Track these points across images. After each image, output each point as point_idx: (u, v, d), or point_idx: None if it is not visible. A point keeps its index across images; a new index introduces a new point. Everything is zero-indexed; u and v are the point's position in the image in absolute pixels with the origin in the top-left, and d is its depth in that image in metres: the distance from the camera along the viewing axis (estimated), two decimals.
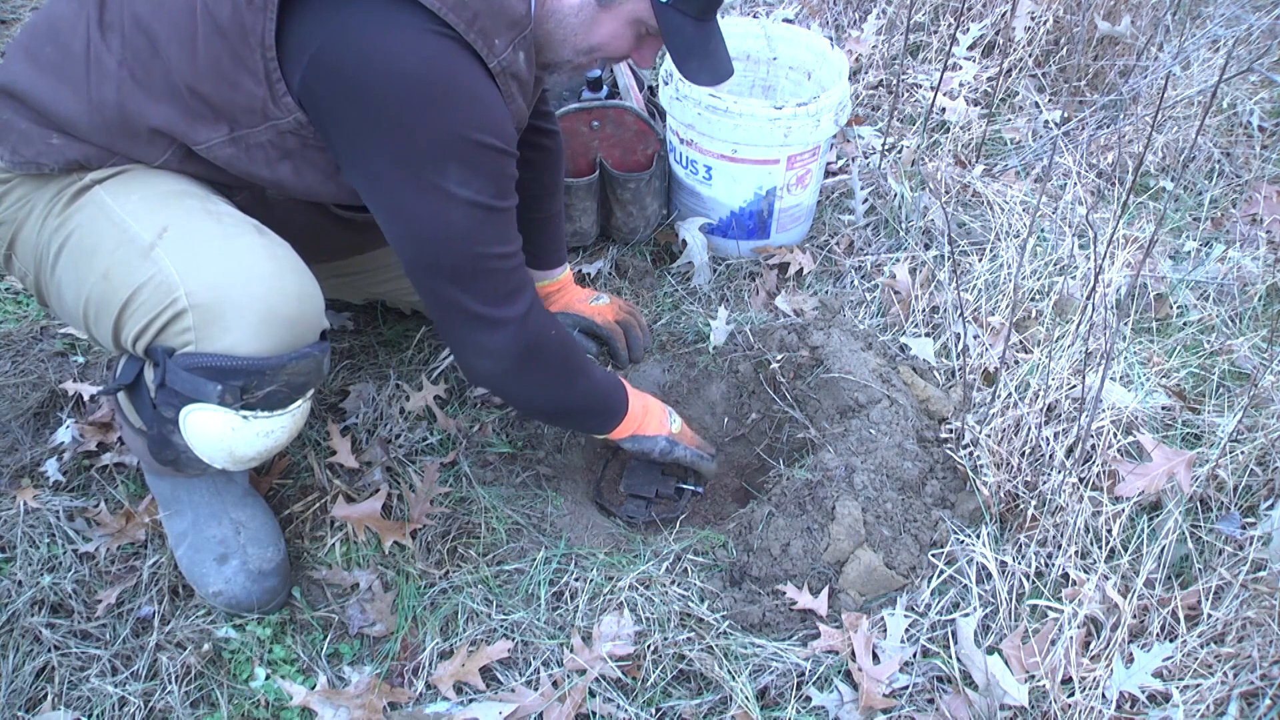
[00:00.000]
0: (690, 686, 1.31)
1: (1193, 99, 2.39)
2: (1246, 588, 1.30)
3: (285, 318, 1.11)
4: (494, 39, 1.10)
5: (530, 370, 1.28)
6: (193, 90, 1.08)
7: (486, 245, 1.16)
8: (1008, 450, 1.49)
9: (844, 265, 2.03)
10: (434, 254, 1.15)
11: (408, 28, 1.04)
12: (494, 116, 1.12)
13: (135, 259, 1.10)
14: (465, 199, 1.11)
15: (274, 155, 1.15)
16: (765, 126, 1.82)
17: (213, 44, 1.04)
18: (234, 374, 1.09)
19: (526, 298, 1.23)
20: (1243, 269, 1.95)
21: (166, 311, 1.08)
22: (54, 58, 1.11)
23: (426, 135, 1.07)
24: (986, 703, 1.22)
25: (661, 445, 1.52)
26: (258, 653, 1.35)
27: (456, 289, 1.17)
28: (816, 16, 2.79)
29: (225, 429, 1.13)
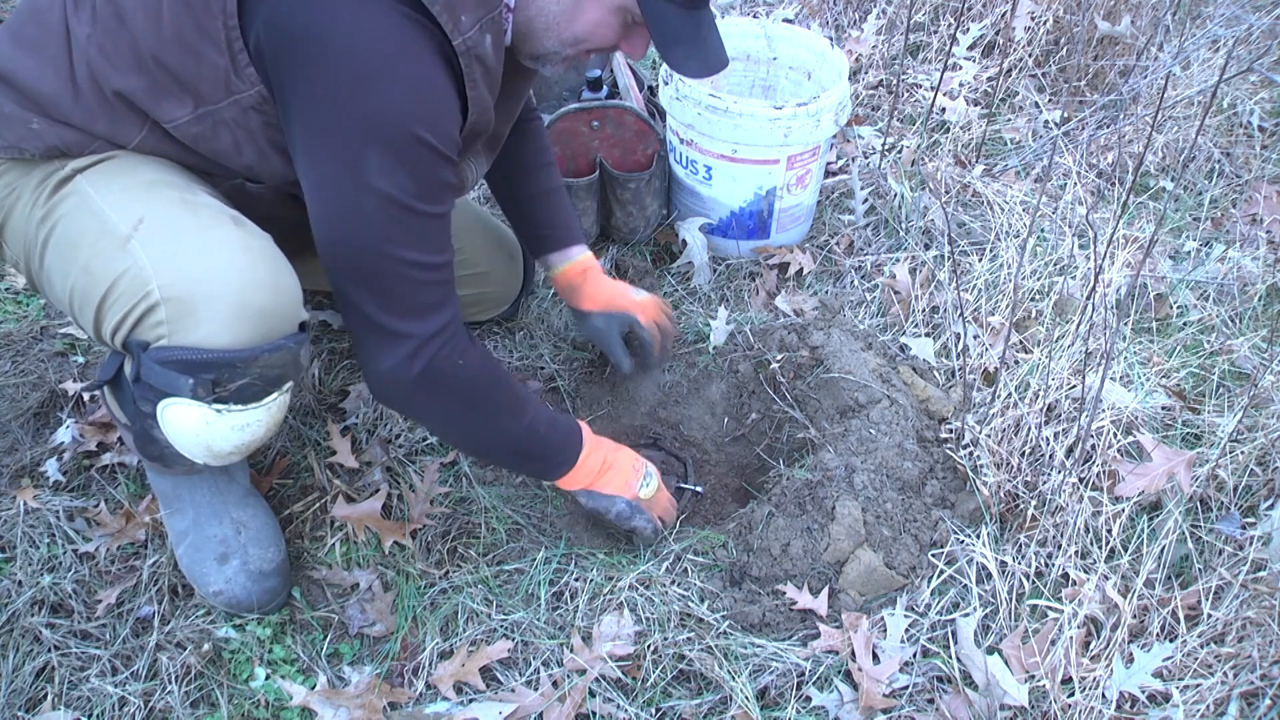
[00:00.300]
0: (690, 686, 1.31)
1: (1193, 99, 2.39)
2: (1246, 588, 1.30)
3: (259, 309, 1.09)
4: (460, 15, 1.05)
5: (433, 398, 1.19)
6: (158, 61, 1.06)
7: (398, 247, 1.09)
8: (1008, 450, 1.49)
9: (844, 265, 2.03)
10: (341, 243, 1.10)
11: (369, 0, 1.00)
12: (435, 111, 1.07)
13: (113, 251, 1.08)
14: (382, 191, 1.05)
15: (239, 134, 1.12)
16: (765, 126, 1.82)
17: (177, 14, 1.03)
18: (205, 367, 1.07)
19: (439, 319, 1.15)
20: (1243, 269, 1.95)
21: (141, 304, 1.07)
22: (35, 36, 1.10)
23: (357, 113, 1.02)
24: (986, 703, 1.22)
25: (619, 508, 1.41)
26: (258, 653, 1.35)
27: (360, 288, 1.12)
28: (816, 16, 2.79)
29: (200, 423, 1.11)
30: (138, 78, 1.07)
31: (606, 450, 1.43)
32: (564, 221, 1.63)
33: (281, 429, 1.64)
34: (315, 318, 1.82)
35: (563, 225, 1.63)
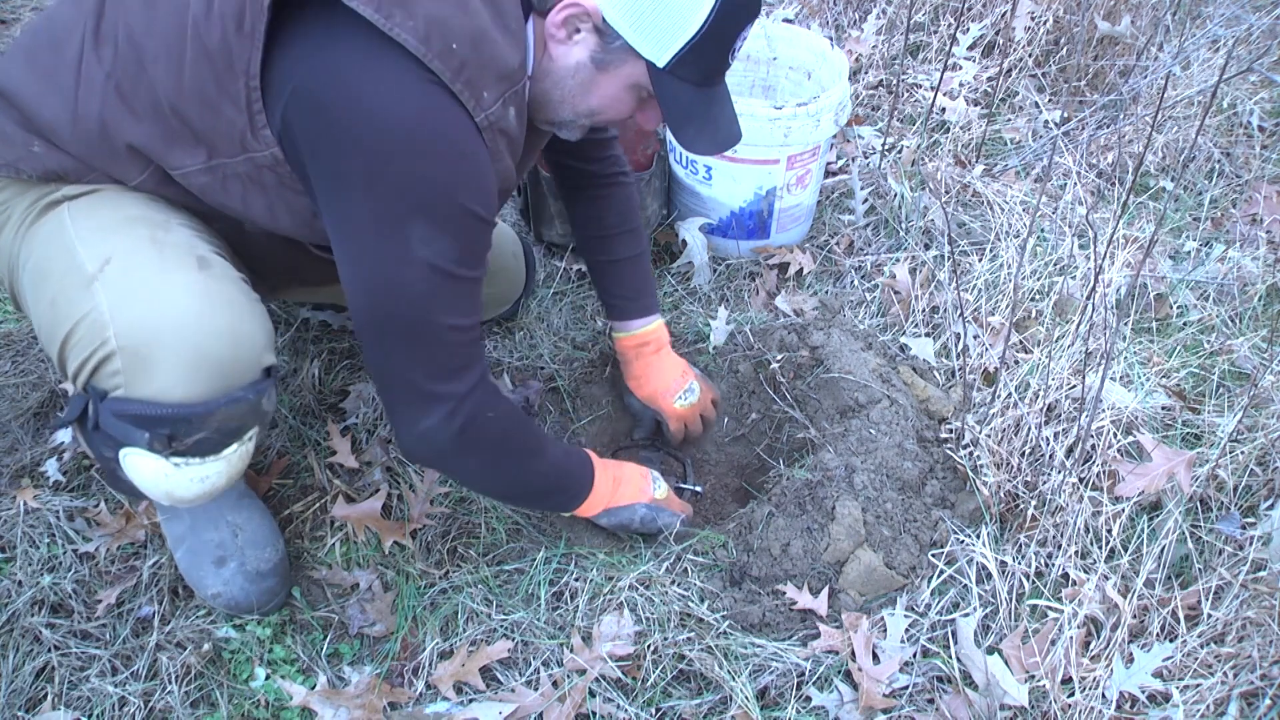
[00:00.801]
0: (690, 686, 1.31)
1: (1193, 99, 2.39)
2: (1246, 588, 1.30)
3: (215, 360, 1.07)
4: (482, 91, 1.05)
5: (469, 452, 1.20)
6: (175, 111, 1.05)
7: (440, 313, 1.09)
8: (1008, 450, 1.49)
9: (844, 265, 2.03)
10: (384, 311, 1.09)
11: (397, 71, 1.00)
12: (475, 180, 1.07)
13: (77, 290, 1.07)
14: (425, 260, 1.05)
15: (250, 189, 1.11)
16: (765, 126, 1.82)
17: (199, 67, 1.02)
18: (159, 422, 1.06)
19: (472, 375, 1.16)
20: (1243, 269, 1.95)
21: (99, 351, 1.05)
22: (48, 63, 1.09)
23: (399, 185, 1.02)
24: (986, 703, 1.22)
25: (641, 514, 1.45)
26: (258, 653, 1.35)
27: (400, 354, 1.11)
28: (816, 16, 2.79)
29: (159, 474, 1.10)
30: (152, 124, 1.07)
31: (612, 469, 1.44)
32: (632, 293, 1.62)
33: (281, 430, 1.64)
34: (315, 318, 1.83)
35: (629, 296, 1.62)
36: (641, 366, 1.65)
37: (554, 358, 1.83)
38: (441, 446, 1.17)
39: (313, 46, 1.00)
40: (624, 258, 1.60)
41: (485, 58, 1.04)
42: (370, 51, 0.99)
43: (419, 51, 0.99)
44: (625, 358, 1.66)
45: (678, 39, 1.08)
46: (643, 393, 1.66)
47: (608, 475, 1.42)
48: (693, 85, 1.14)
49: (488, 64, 1.04)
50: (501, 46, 1.05)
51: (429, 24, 0.99)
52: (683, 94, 1.14)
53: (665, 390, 1.64)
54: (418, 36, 0.99)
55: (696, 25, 1.07)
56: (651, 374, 1.65)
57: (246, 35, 0.99)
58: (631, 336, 1.63)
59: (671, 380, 1.65)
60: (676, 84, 1.13)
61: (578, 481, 1.38)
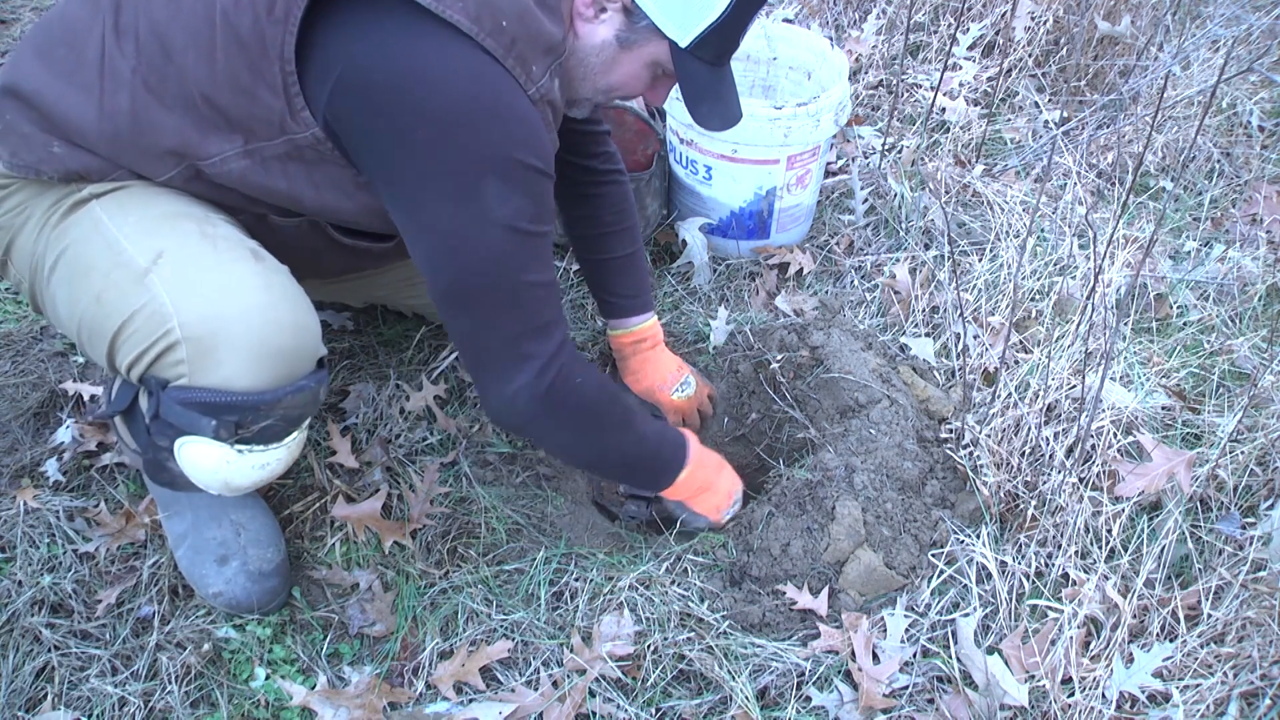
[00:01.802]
0: (690, 686, 1.31)
1: (1193, 99, 2.39)
2: (1246, 588, 1.30)
3: (280, 350, 1.09)
4: (531, 65, 1.07)
5: (555, 414, 1.22)
6: (208, 100, 1.05)
7: (523, 271, 1.12)
8: (1008, 450, 1.49)
9: (844, 265, 2.03)
10: (468, 276, 1.11)
11: (451, 47, 1.02)
12: (536, 137, 1.09)
13: (129, 284, 1.07)
14: (504, 221, 1.08)
15: (292, 169, 1.12)
16: (765, 126, 1.82)
17: (231, 54, 1.02)
18: (228, 409, 1.07)
19: (558, 336, 1.18)
20: (1243, 269, 1.95)
21: (160, 342, 1.06)
22: (68, 62, 1.08)
23: (468, 150, 1.04)
24: (986, 703, 1.22)
25: (698, 525, 1.48)
26: (258, 653, 1.35)
27: (488, 317, 1.14)
28: (816, 16, 2.79)
29: (220, 462, 1.12)
30: (184, 114, 1.07)
31: (710, 471, 1.45)
32: (627, 290, 1.63)
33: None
34: None
35: (628, 294, 1.63)
36: (638, 362, 1.66)
37: None
38: (530, 407, 1.19)
39: (362, 31, 1.02)
40: (619, 255, 1.61)
41: (532, 32, 1.06)
42: (423, 32, 1.01)
43: (472, 31, 1.01)
44: (621, 354, 1.67)
45: (703, 21, 1.11)
46: (639, 387, 1.67)
47: (701, 475, 1.43)
48: (708, 65, 1.17)
49: (535, 38, 1.07)
50: (544, 21, 1.08)
51: (479, 5, 1.02)
52: (700, 73, 1.17)
53: (662, 384, 1.65)
54: (469, 17, 1.01)
55: (722, 7, 1.10)
56: (648, 369, 1.66)
57: (279, 20, 1.01)
58: (629, 334, 1.64)
59: (668, 374, 1.66)
60: (694, 63, 1.16)
61: (665, 467, 1.40)
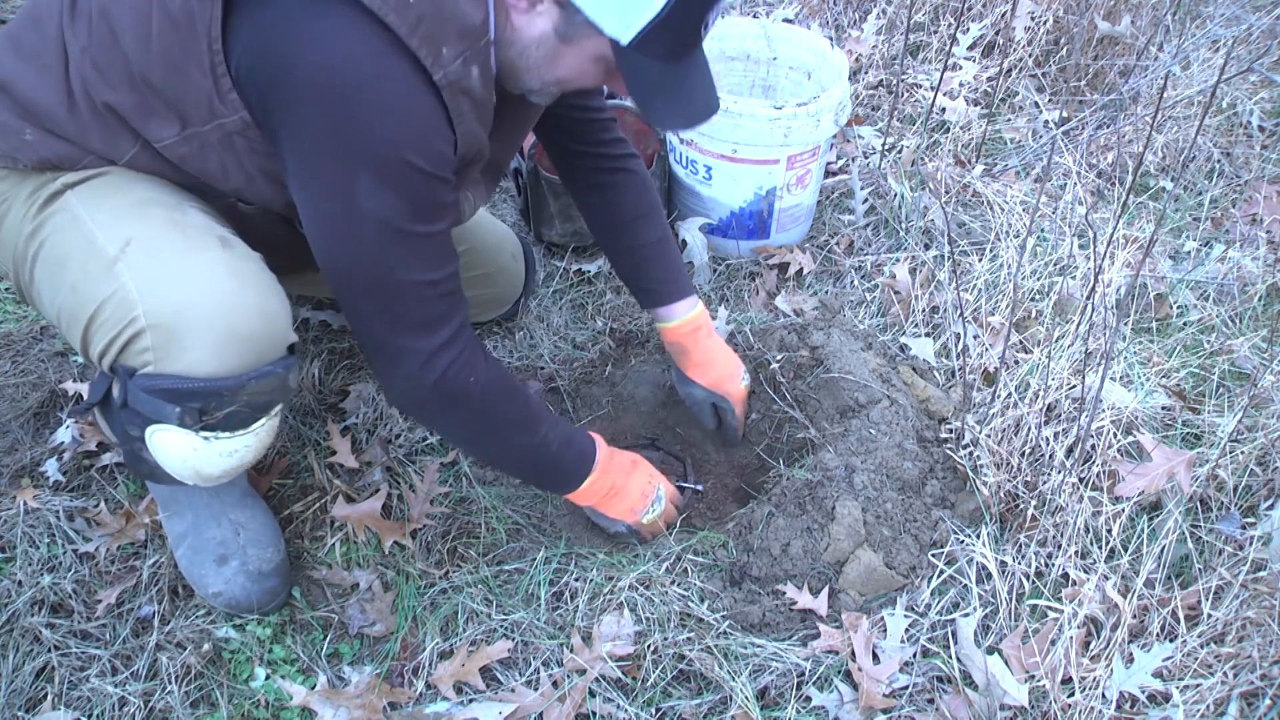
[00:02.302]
0: (690, 686, 1.31)
1: (1193, 99, 2.39)
2: (1246, 588, 1.30)
3: (245, 336, 1.08)
4: (441, 47, 1.00)
5: (447, 410, 1.21)
6: (146, 81, 1.04)
7: (397, 270, 1.08)
8: (1008, 450, 1.49)
9: (844, 265, 2.03)
10: (341, 268, 1.09)
11: (341, 21, 0.96)
12: (422, 134, 1.03)
13: (99, 273, 1.07)
14: (375, 215, 1.04)
15: (226, 157, 1.11)
16: (765, 126, 1.82)
17: (165, 33, 1.01)
18: (191, 396, 1.06)
19: (444, 330, 1.15)
20: (1243, 269, 1.95)
21: (126, 330, 1.06)
22: (34, 44, 1.09)
23: (342, 141, 1.00)
24: (986, 703, 1.22)
25: (619, 529, 1.46)
26: (258, 653, 1.35)
27: (365, 309, 1.12)
28: (816, 16, 2.79)
29: (188, 449, 1.11)
30: (128, 94, 1.06)
31: (617, 475, 1.42)
32: (667, 275, 1.54)
33: (281, 430, 1.64)
34: (315, 318, 1.82)
35: (666, 279, 1.54)
36: (702, 353, 1.57)
37: (554, 358, 1.83)
38: (417, 400, 1.19)
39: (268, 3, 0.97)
40: (648, 242, 1.53)
41: (445, 12, 0.99)
42: (322, 8, 0.96)
43: (374, 5, 0.95)
44: (681, 347, 1.57)
45: (640, 17, 1.02)
46: (708, 379, 1.58)
47: (607, 481, 1.40)
48: (659, 60, 1.07)
49: (447, 19, 1.00)
50: (462, 2, 1.01)
51: None
52: (650, 69, 1.07)
53: (731, 374, 1.59)
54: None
55: (660, 3, 1.00)
56: (715, 358, 1.58)
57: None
58: (684, 322, 1.55)
59: (734, 363, 1.60)
60: (643, 60, 1.06)
61: (568, 473, 1.37)
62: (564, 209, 1.96)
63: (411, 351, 1.14)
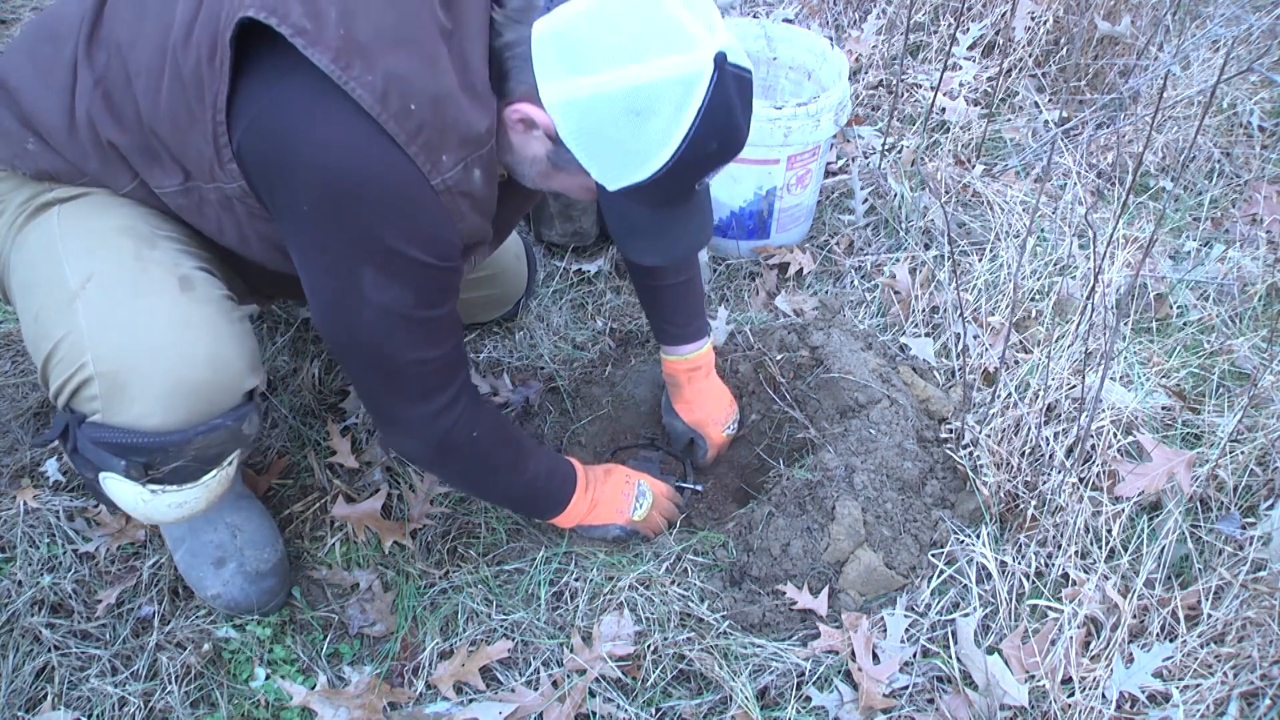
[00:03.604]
0: (690, 686, 1.31)
1: (1193, 99, 2.39)
2: (1246, 588, 1.30)
3: (193, 386, 1.05)
4: (441, 155, 0.98)
5: (445, 462, 1.24)
6: (152, 130, 1.03)
7: (401, 351, 1.09)
8: (1008, 450, 1.49)
9: (844, 265, 2.03)
10: (346, 345, 1.10)
11: (349, 122, 0.94)
12: (425, 229, 1.02)
13: (60, 308, 1.06)
14: (380, 304, 1.04)
15: (224, 216, 1.10)
16: (765, 126, 1.82)
17: (174, 92, 1.00)
18: (135, 450, 1.05)
19: (444, 395, 1.15)
20: (1243, 269, 1.95)
21: (76, 376, 1.04)
22: (48, 60, 1.08)
23: (345, 234, 1.00)
24: (986, 703, 1.22)
25: (614, 533, 1.45)
26: (258, 653, 1.35)
27: (365, 378, 1.14)
28: (816, 16, 2.79)
29: (137, 500, 1.11)
30: (135, 138, 1.06)
31: (594, 489, 1.43)
32: (685, 318, 1.56)
33: (282, 430, 1.64)
34: None
35: (683, 322, 1.56)
36: (693, 392, 1.60)
37: (554, 358, 1.83)
38: (419, 457, 1.28)
39: (272, 79, 0.96)
40: (673, 283, 1.53)
41: (447, 121, 0.97)
42: (324, 100, 0.94)
43: (374, 111, 0.93)
44: (675, 381, 1.61)
45: (629, 178, 1.02)
46: (691, 417, 1.62)
47: (587, 498, 1.41)
48: (647, 208, 1.07)
49: (449, 127, 0.98)
50: (467, 110, 0.98)
51: (388, 81, 0.93)
52: (633, 212, 1.07)
53: (715, 419, 1.62)
54: (374, 95, 0.93)
55: (651, 170, 1.00)
56: (703, 400, 1.61)
57: (216, 66, 0.96)
58: (684, 361, 1.58)
59: (721, 409, 1.63)
60: (628, 203, 1.06)
61: (552, 500, 1.39)
62: (564, 209, 1.96)
63: (414, 418, 1.15)
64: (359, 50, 0.93)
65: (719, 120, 0.98)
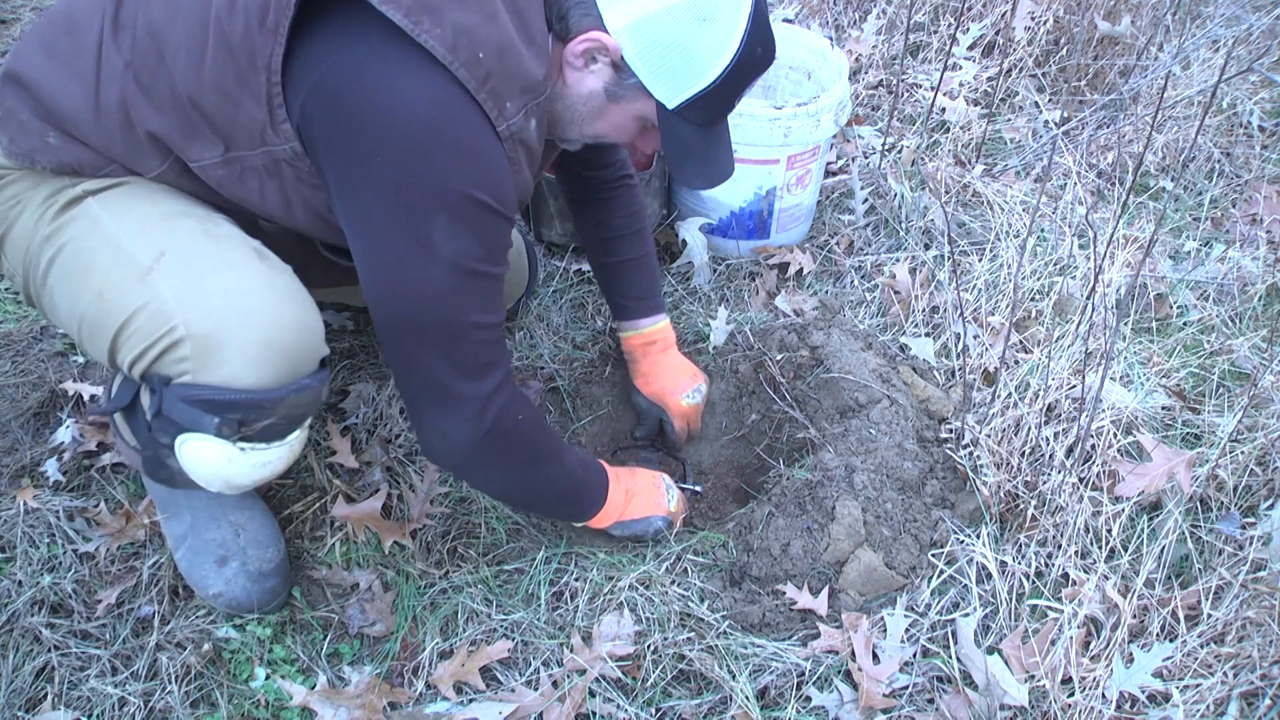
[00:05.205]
0: (690, 686, 1.31)
1: (1193, 99, 2.39)
2: (1246, 588, 1.30)
3: (284, 349, 1.09)
4: (505, 101, 1.05)
5: (491, 453, 1.20)
6: (194, 103, 1.05)
7: (465, 311, 1.10)
8: (1008, 450, 1.49)
9: (844, 265, 2.03)
10: (408, 310, 1.09)
11: (421, 73, 1.00)
12: (495, 176, 1.07)
13: (131, 282, 1.08)
14: (449, 257, 1.06)
15: (267, 183, 1.12)
16: (765, 126, 1.82)
17: (220, 61, 1.02)
18: (232, 407, 1.07)
19: (497, 375, 1.16)
20: (1243, 269, 1.95)
21: (163, 339, 1.06)
22: (67, 50, 1.09)
23: (420, 182, 1.03)
24: (986, 703, 1.22)
25: (657, 526, 1.45)
26: (258, 653, 1.35)
27: (425, 352, 1.12)
28: (816, 16, 2.79)
29: (222, 459, 1.11)
30: (171, 115, 1.07)
31: (625, 480, 1.44)
32: (640, 292, 1.63)
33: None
34: None
35: (637, 296, 1.63)
36: (650, 364, 1.65)
37: (554, 358, 1.83)
38: (466, 447, 1.18)
39: (337, 43, 1.01)
40: (631, 258, 1.61)
41: (511, 68, 1.04)
42: (396, 53, 0.99)
43: (445, 59, 0.99)
44: (632, 356, 1.67)
45: (692, 87, 1.11)
46: (650, 389, 1.66)
47: (621, 488, 1.42)
48: (696, 126, 1.16)
49: (513, 75, 1.04)
50: (526, 59, 1.05)
51: (457, 32, 0.99)
52: (686, 133, 1.17)
53: (674, 388, 1.65)
54: (445, 44, 0.99)
55: (713, 76, 1.10)
56: (660, 371, 1.66)
57: (270, 30, 0.99)
58: (639, 335, 1.64)
59: (680, 379, 1.66)
60: (681, 124, 1.15)
61: (592, 493, 1.38)
62: (564, 209, 1.96)
63: (468, 398, 1.14)
64: (426, 6, 0.98)
65: (763, 25, 1.11)
